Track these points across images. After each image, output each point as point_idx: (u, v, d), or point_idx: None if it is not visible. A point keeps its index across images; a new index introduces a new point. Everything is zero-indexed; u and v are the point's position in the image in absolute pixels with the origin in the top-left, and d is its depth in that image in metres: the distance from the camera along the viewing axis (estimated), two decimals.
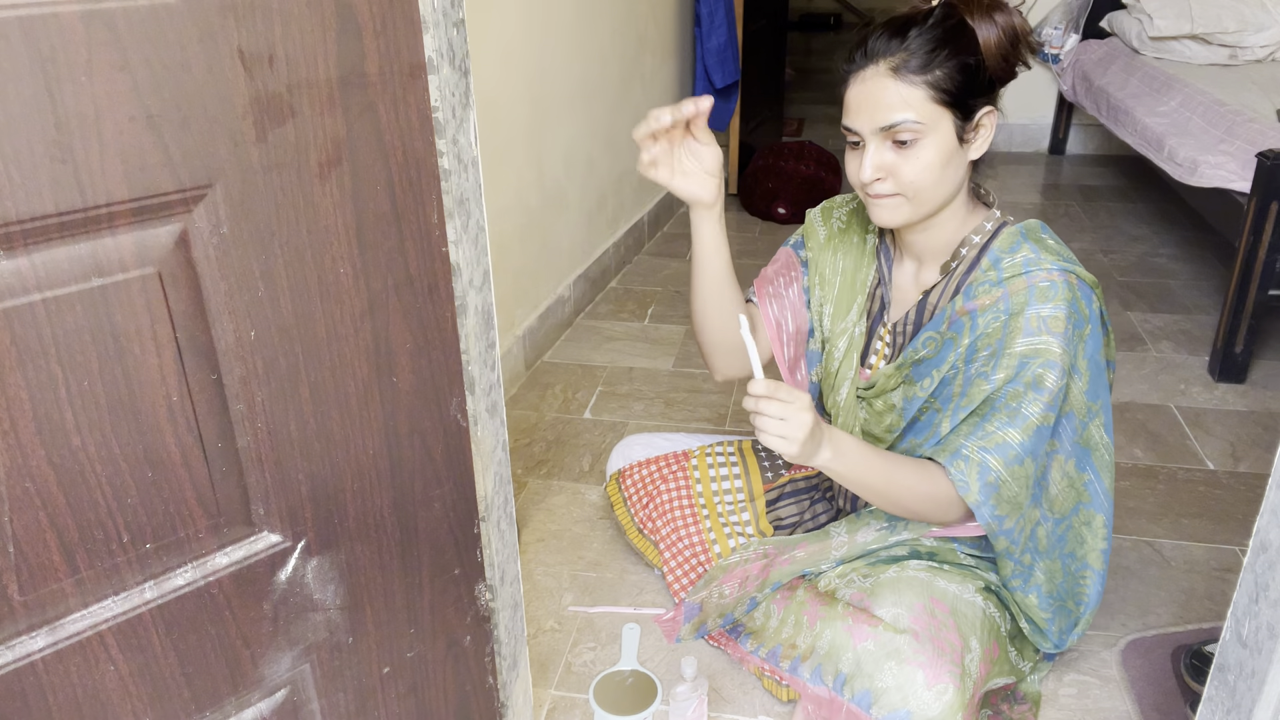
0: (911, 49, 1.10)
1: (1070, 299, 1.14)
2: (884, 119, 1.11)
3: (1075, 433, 1.20)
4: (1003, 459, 1.14)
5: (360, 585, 0.85)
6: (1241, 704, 0.82)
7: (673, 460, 1.60)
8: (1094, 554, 1.28)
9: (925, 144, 1.12)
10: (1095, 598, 1.29)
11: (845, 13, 7.43)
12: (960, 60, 1.11)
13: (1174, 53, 3.33)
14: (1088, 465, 1.23)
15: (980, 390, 1.16)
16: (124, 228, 0.63)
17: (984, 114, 1.15)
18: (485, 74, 1.98)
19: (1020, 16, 1.16)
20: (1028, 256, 1.17)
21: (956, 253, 1.22)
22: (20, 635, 0.67)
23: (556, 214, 2.46)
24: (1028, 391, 1.13)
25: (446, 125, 0.77)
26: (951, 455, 1.16)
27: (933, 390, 1.22)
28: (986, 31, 1.13)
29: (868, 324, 1.32)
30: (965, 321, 1.18)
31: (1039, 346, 1.13)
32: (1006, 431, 1.14)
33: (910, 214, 1.17)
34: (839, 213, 1.37)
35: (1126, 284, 2.80)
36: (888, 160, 1.13)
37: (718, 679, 1.40)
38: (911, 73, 1.10)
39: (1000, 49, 1.13)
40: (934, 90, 1.10)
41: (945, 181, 1.15)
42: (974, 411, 1.17)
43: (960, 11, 1.13)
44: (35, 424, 0.63)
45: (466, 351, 0.86)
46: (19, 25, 0.55)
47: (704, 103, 1.10)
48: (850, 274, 1.34)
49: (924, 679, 1.13)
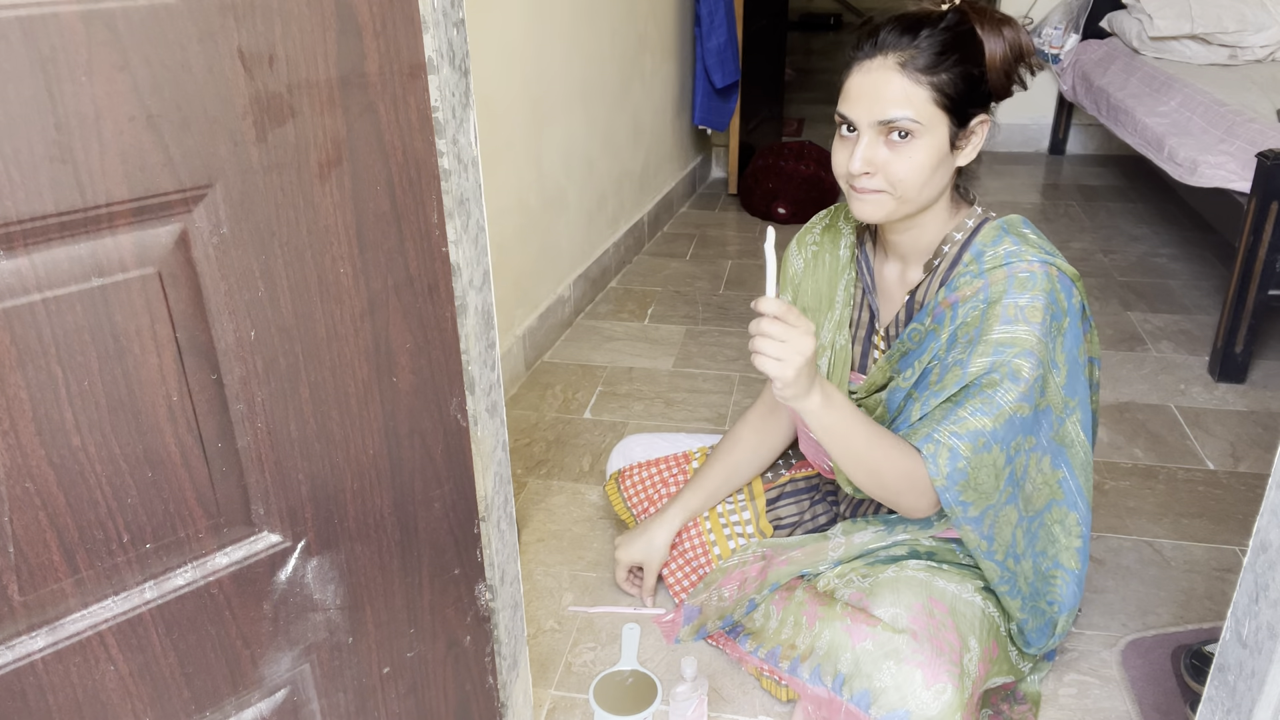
0: (921, 47, 1.10)
1: (1049, 290, 1.14)
2: (883, 112, 1.11)
3: (1051, 428, 1.20)
4: (972, 445, 1.13)
5: (360, 585, 0.85)
6: (1241, 704, 0.82)
7: (673, 462, 1.60)
8: (1067, 553, 1.27)
9: (919, 144, 1.12)
10: (1071, 599, 1.28)
11: (845, 12, 7.44)
12: (965, 68, 1.11)
13: (1174, 53, 3.33)
14: (1062, 462, 1.23)
15: (954, 376, 1.16)
16: (124, 228, 0.63)
17: (977, 123, 1.16)
18: (485, 74, 1.98)
19: (1027, 36, 1.17)
20: (1009, 249, 1.17)
21: (939, 250, 1.22)
22: (20, 635, 0.67)
23: (556, 214, 2.46)
24: (1004, 380, 1.13)
25: (446, 125, 0.77)
26: (924, 438, 1.15)
27: (914, 382, 1.22)
28: (994, 45, 1.14)
29: (861, 334, 1.32)
30: (947, 313, 1.19)
31: (1016, 335, 1.13)
32: (979, 418, 1.14)
33: (892, 211, 1.17)
34: (812, 235, 1.39)
35: (1126, 284, 2.80)
36: (879, 155, 1.13)
37: (717, 679, 1.40)
38: (919, 70, 1.10)
39: (1004, 64, 1.15)
40: (937, 92, 1.10)
41: (932, 184, 1.15)
42: (950, 398, 1.17)
43: (971, 20, 1.14)
44: (35, 424, 0.63)
45: (466, 351, 0.86)
46: (19, 25, 0.55)
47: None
48: (826, 293, 1.35)
49: (922, 679, 1.13)
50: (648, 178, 3.17)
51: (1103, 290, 2.75)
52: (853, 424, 1.15)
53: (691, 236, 3.27)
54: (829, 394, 1.13)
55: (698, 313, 2.66)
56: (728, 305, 2.70)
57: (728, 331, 2.54)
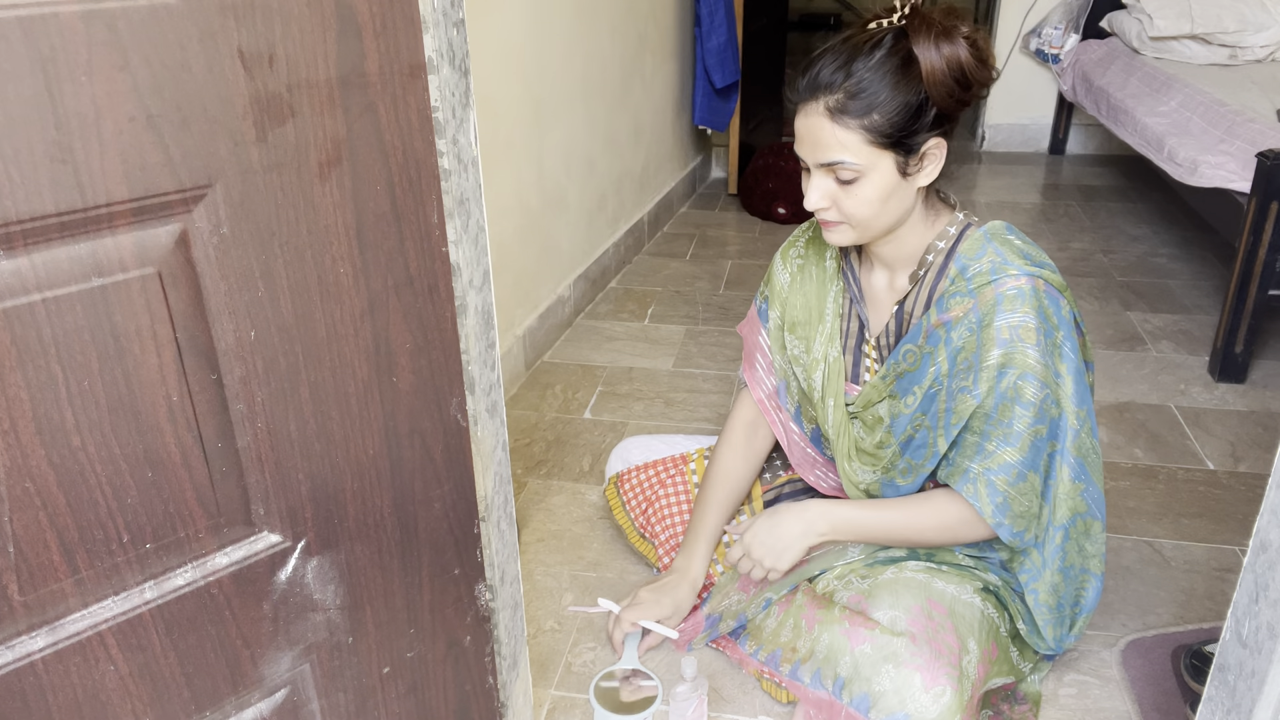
0: (851, 90, 1.08)
1: (1038, 306, 1.14)
2: (821, 156, 1.12)
3: (1069, 440, 1.19)
4: (1006, 478, 1.16)
5: (360, 585, 0.85)
6: (1241, 704, 0.82)
7: (671, 465, 1.60)
8: (1094, 560, 1.28)
9: (864, 182, 1.12)
10: (1093, 601, 1.30)
11: (845, 12, 7.44)
12: (902, 100, 1.08)
13: (1174, 53, 3.33)
14: (1083, 475, 1.22)
15: (966, 404, 1.17)
16: (124, 228, 0.63)
17: (930, 147, 1.12)
18: (485, 74, 1.98)
19: (970, 48, 1.09)
20: (994, 261, 1.16)
21: (923, 260, 1.22)
22: (20, 635, 0.67)
23: (556, 214, 2.46)
24: (1013, 407, 1.14)
25: (446, 125, 0.77)
26: (961, 478, 1.19)
27: (917, 406, 1.22)
28: (932, 62, 1.08)
29: (851, 344, 1.32)
30: (940, 334, 1.19)
31: (1014, 356, 1.13)
32: (1004, 451, 1.16)
33: (857, 238, 1.19)
34: (796, 249, 1.39)
35: (1126, 284, 2.79)
36: (830, 189, 1.15)
37: (718, 679, 1.40)
38: (849, 115, 1.08)
39: (944, 85, 1.08)
40: (871, 134, 1.09)
41: (888, 212, 1.16)
42: (968, 428, 1.18)
43: (909, 41, 1.08)
44: (35, 424, 0.63)
45: (466, 351, 0.86)
46: (19, 25, 0.55)
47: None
48: (815, 305, 1.35)
49: (921, 681, 1.12)
50: (648, 178, 3.17)
51: (1103, 290, 2.75)
52: (866, 521, 1.26)
53: (691, 236, 3.27)
54: (828, 515, 1.26)
55: (698, 313, 2.66)
56: (728, 305, 2.70)
57: (728, 332, 2.54)
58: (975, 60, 1.10)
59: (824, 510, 1.26)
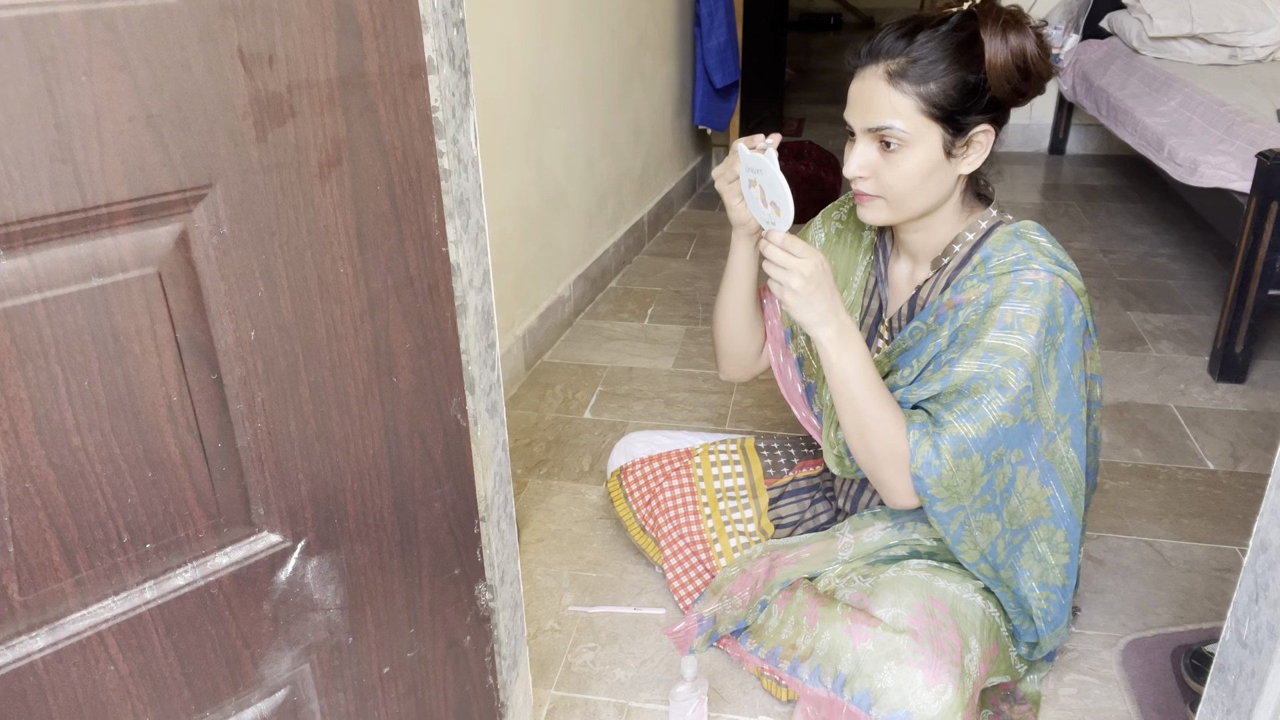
0: (913, 55, 1.09)
1: (1049, 302, 1.13)
2: (872, 120, 1.12)
3: (1041, 443, 1.18)
4: (952, 449, 1.14)
5: (360, 585, 0.85)
6: (1241, 704, 0.82)
7: (675, 458, 1.60)
8: (1055, 571, 1.25)
9: (908, 153, 1.12)
10: (1060, 613, 1.27)
11: (845, 12, 7.44)
12: (960, 76, 1.09)
13: (1174, 53, 3.33)
14: (1051, 480, 1.20)
15: (940, 375, 1.16)
16: (124, 228, 0.63)
17: (978, 131, 1.13)
18: (485, 74, 1.98)
19: (1038, 42, 1.12)
20: (1019, 255, 1.16)
21: (949, 249, 1.22)
22: (20, 635, 0.67)
23: (556, 214, 2.46)
24: (990, 389, 1.13)
25: (446, 125, 0.77)
26: (914, 425, 1.16)
27: (911, 380, 1.22)
28: (994, 50, 1.09)
29: (869, 321, 1.33)
30: (949, 314, 1.18)
31: (1008, 343, 1.13)
32: (962, 424, 1.13)
33: (890, 216, 1.18)
34: (838, 213, 1.39)
35: (1126, 284, 2.80)
36: (872, 160, 1.14)
37: (718, 679, 1.40)
38: (907, 81, 1.09)
39: (1005, 72, 1.10)
40: (925, 103, 1.09)
41: (926, 192, 1.15)
42: (937, 399, 1.16)
43: (976, 24, 1.10)
44: (35, 424, 0.63)
45: (466, 351, 0.86)
46: (19, 25, 0.55)
47: (774, 138, 1.15)
48: (843, 271, 1.35)
49: (923, 679, 1.13)
50: (648, 178, 3.17)
51: (1103, 290, 2.75)
52: (861, 370, 1.16)
53: (691, 236, 3.27)
54: (846, 332, 1.15)
55: (698, 313, 2.66)
56: None
57: None
58: (1040, 53, 1.13)
59: (850, 330, 1.15)
